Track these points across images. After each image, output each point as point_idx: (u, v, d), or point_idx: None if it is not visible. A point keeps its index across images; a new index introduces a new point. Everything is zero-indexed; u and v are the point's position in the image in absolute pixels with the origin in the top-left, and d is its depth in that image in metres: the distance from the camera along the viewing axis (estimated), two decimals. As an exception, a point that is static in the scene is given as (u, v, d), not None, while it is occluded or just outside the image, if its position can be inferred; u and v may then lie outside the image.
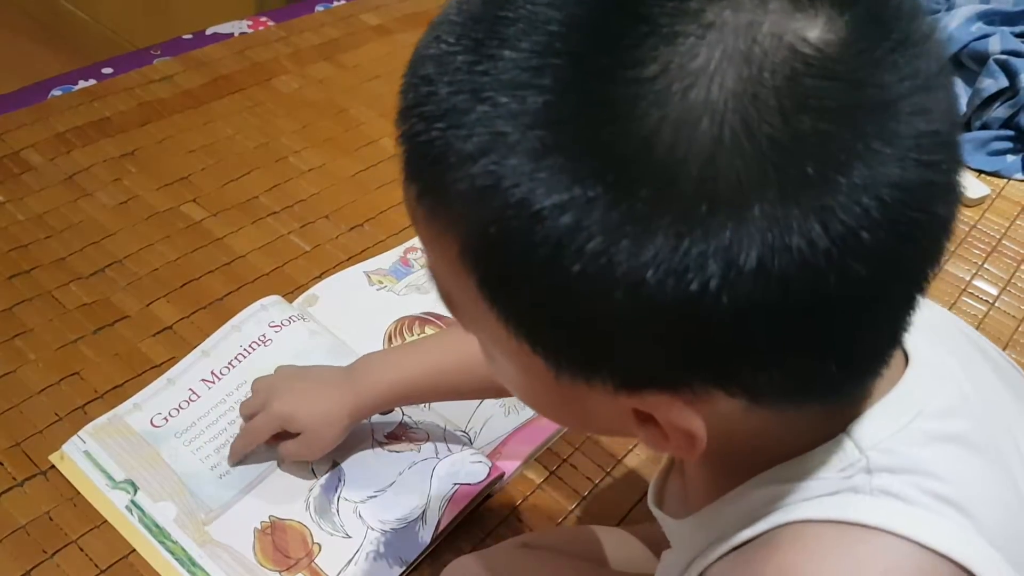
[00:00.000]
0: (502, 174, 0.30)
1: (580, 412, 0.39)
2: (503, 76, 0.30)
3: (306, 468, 0.73)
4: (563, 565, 0.66)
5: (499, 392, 0.71)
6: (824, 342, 0.33)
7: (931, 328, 0.42)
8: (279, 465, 0.74)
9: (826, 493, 0.38)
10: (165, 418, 0.76)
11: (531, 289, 0.32)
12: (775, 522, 0.38)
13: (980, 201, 1.18)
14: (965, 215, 1.16)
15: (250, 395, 0.75)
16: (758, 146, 0.29)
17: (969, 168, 1.23)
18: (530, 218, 0.30)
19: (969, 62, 1.35)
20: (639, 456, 0.80)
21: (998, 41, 1.29)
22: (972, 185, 1.19)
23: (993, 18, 1.37)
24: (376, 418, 0.76)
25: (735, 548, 0.40)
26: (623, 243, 0.30)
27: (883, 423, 0.39)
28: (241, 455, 0.73)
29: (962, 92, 1.34)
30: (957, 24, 1.36)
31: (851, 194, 0.30)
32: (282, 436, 0.72)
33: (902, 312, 0.35)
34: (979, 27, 1.35)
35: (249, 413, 0.73)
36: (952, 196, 0.33)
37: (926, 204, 0.31)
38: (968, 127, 1.29)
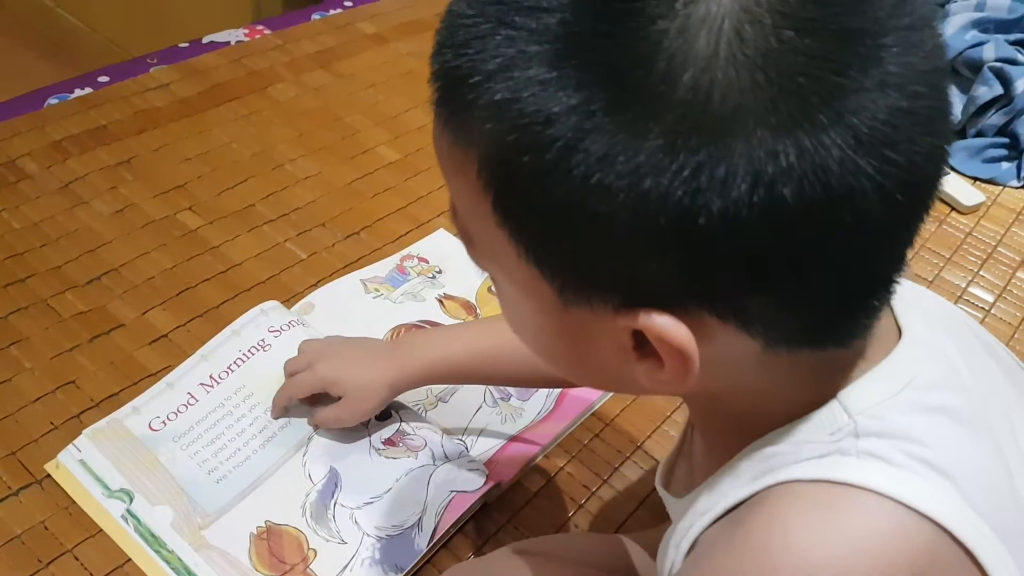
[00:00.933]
0: (519, 86, 0.33)
1: (583, 350, 0.40)
2: (524, 2, 0.33)
3: (302, 473, 0.73)
4: (560, 572, 0.65)
5: (531, 381, 0.75)
6: (809, 269, 0.34)
7: (931, 312, 0.44)
8: (315, 430, 0.76)
9: (815, 456, 0.39)
10: (163, 422, 0.76)
11: (540, 199, 0.34)
12: (765, 483, 0.40)
13: (975, 208, 1.18)
14: (960, 222, 1.16)
15: (251, 395, 0.76)
16: (751, 59, 0.31)
17: (964, 175, 1.24)
18: (541, 124, 0.33)
19: (964, 70, 1.35)
20: (636, 465, 0.80)
21: (992, 49, 1.29)
22: (967, 192, 1.19)
23: (987, 26, 1.38)
24: (373, 424, 0.76)
25: (728, 511, 0.42)
26: (621, 149, 0.32)
27: (873, 390, 0.40)
28: (281, 409, 0.76)
29: (957, 100, 1.34)
30: (952, 32, 1.36)
31: (837, 118, 0.31)
32: (319, 401, 0.75)
33: (891, 254, 0.37)
34: (973, 35, 1.36)
35: (293, 370, 0.76)
36: (934, 127, 0.34)
37: (910, 133, 0.33)
38: (963, 134, 1.29)
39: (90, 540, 0.69)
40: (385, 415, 0.77)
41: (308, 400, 0.76)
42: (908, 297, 0.41)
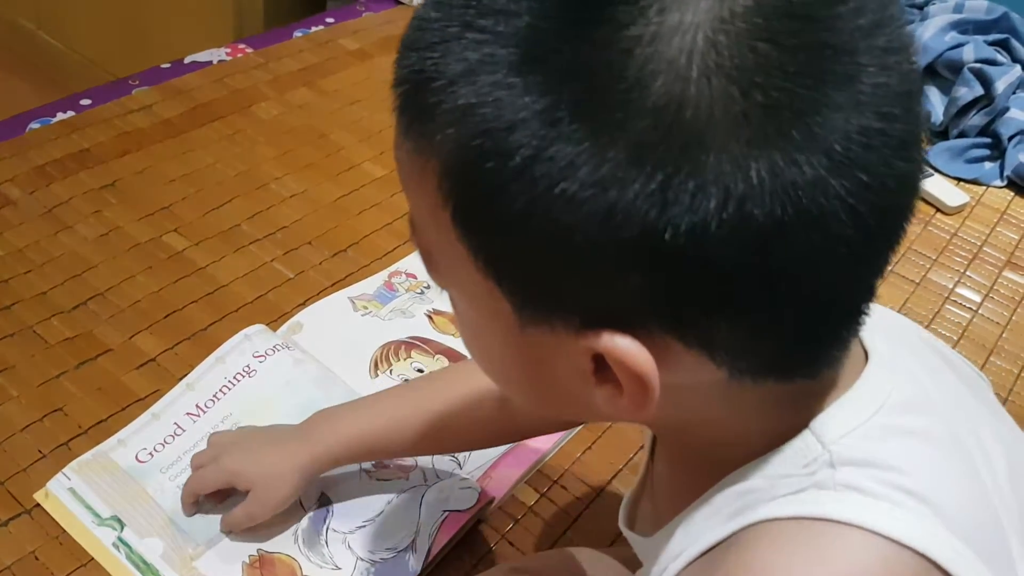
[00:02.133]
0: (484, 90, 0.32)
1: (541, 373, 0.39)
2: (493, 5, 0.32)
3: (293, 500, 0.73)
4: None
5: (457, 444, 0.72)
6: (777, 294, 0.33)
7: (888, 330, 0.43)
8: (226, 534, 0.71)
9: (791, 491, 0.38)
10: (150, 453, 0.75)
11: (502, 209, 0.33)
12: (741, 523, 0.39)
13: (960, 209, 1.19)
14: (945, 223, 1.17)
15: (239, 422, 0.75)
16: (725, 70, 0.30)
17: (947, 176, 1.24)
18: (505, 129, 0.31)
19: (944, 71, 1.36)
20: (630, 477, 0.80)
21: (972, 50, 1.30)
22: (951, 193, 1.20)
23: (966, 27, 1.39)
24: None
25: (703, 553, 0.40)
26: (587, 158, 0.31)
27: (844, 417, 0.39)
28: (190, 506, 0.71)
29: (937, 101, 1.35)
30: (931, 34, 1.37)
31: (810, 135, 0.31)
32: (229, 496, 0.71)
33: (861, 282, 0.36)
34: (952, 36, 1.37)
35: (198, 464, 0.72)
36: (908, 152, 0.33)
37: (883, 156, 0.32)
38: (945, 135, 1.30)
39: (82, 569, 0.68)
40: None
41: (216, 496, 0.71)
42: (870, 316, 0.40)
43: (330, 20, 1.42)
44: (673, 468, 0.49)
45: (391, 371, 0.85)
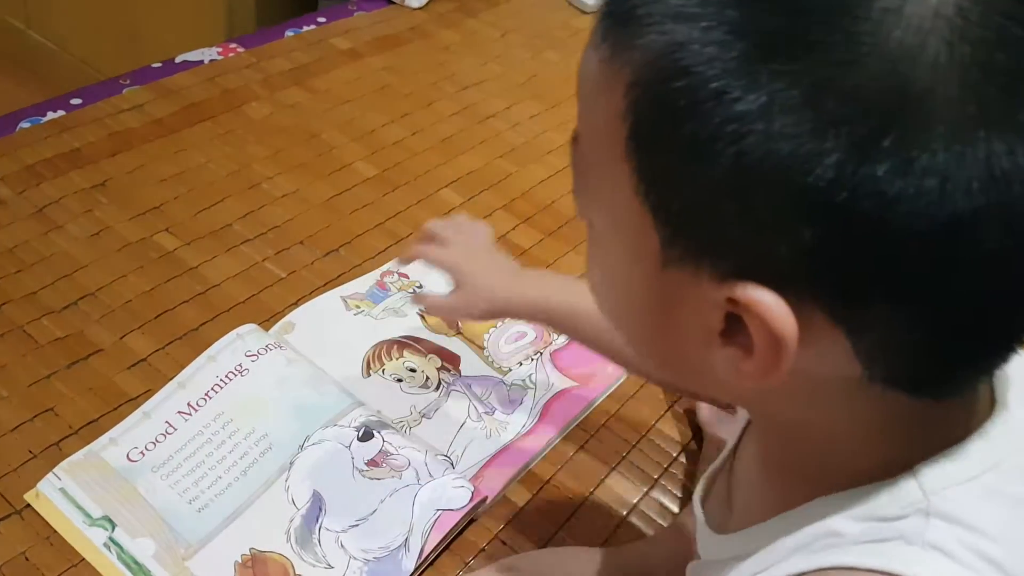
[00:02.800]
0: (696, 10, 0.31)
1: (664, 321, 0.37)
2: None
3: (285, 498, 0.73)
4: None
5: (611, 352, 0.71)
6: (948, 288, 0.31)
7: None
8: (421, 312, 0.88)
9: (878, 539, 0.37)
10: (141, 452, 0.75)
11: (686, 135, 0.31)
12: (823, 563, 0.37)
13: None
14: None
15: (230, 421, 0.76)
16: (969, 41, 0.29)
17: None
18: (710, 53, 0.30)
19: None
20: (622, 476, 0.80)
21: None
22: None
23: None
24: (356, 445, 0.76)
25: None
26: (795, 106, 0.29)
27: (952, 469, 0.37)
28: (404, 259, 0.81)
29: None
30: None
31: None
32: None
33: (1018, 315, 0.34)
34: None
35: (433, 234, 0.76)
36: None
37: None
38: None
39: (72, 570, 0.68)
40: (367, 435, 0.77)
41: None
42: (1009, 368, 0.37)
43: (322, 20, 1.42)
44: (765, 470, 0.46)
45: (383, 370, 0.85)
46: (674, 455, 0.82)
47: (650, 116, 0.33)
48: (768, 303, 0.32)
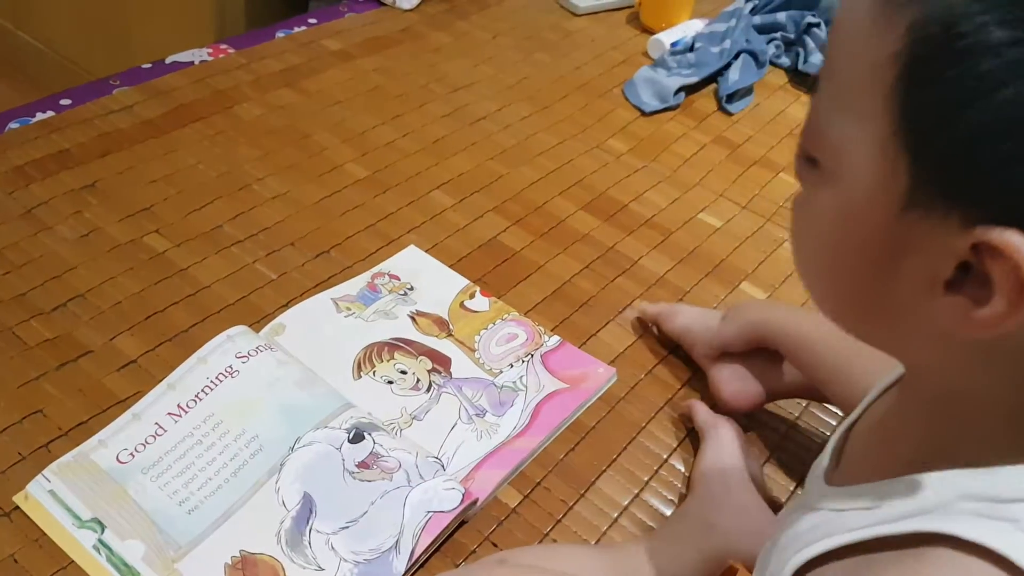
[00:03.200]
0: None
1: (887, 265, 0.38)
2: None
3: (275, 500, 0.73)
4: None
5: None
6: None
7: None
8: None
9: (990, 516, 0.37)
10: (131, 454, 0.75)
11: (964, 78, 0.32)
12: (928, 527, 0.38)
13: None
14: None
15: (221, 422, 0.76)
16: None
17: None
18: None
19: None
20: (613, 478, 0.80)
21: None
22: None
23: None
24: (346, 447, 0.76)
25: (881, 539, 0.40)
26: None
27: None
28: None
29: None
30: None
31: None
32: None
33: None
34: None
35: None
36: None
37: None
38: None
39: (61, 572, 0.68)
40: (358, 437, 0.77)
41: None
42: None
43: (312, 21, 1.42)
44: (892, 435, 0.47)
45: (374, 372, 0.85)
46: (665, 458, 0.83)
47: (929, 55, 0.34)
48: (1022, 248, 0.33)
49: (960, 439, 0.41)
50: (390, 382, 0.85)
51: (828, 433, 0.86)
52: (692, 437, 0.84)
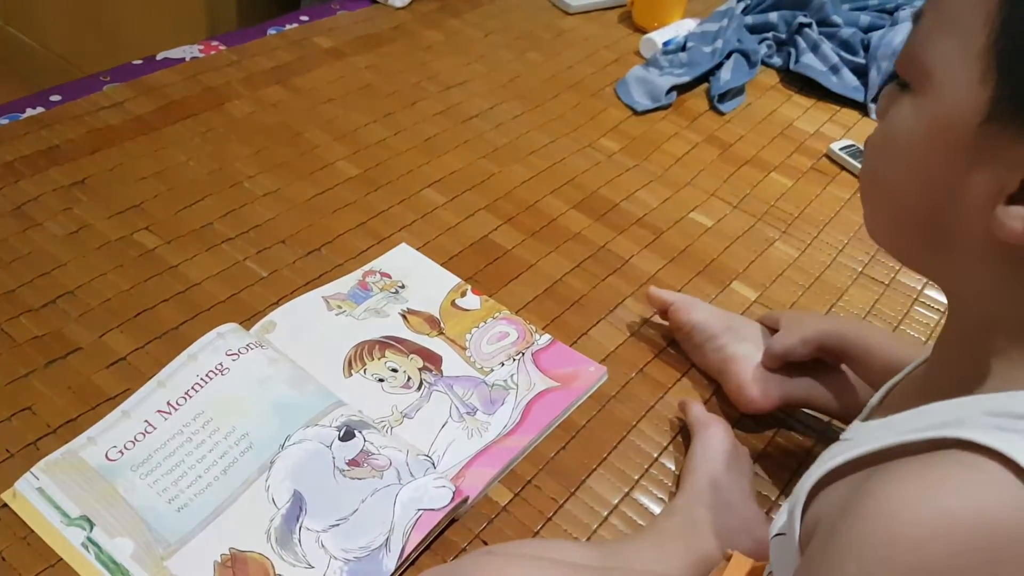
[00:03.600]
0: None
1: (950, 176, 0.42)
2: None
3: (265, 498, 0.72)
4: (534, 567, 0.65)
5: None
6: None
7: None
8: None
9: (1006, 429, 0.39)
10: (120, 451, 0.75)
11: None
12: (947, 434, 0.40)
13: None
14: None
15: (211, 420, 0.76)
16: None
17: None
18: None
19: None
20: (603, 476, 0.80)
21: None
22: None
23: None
24: (337, 445, 0.76)
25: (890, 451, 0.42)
26: None
27: None
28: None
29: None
30: (901, 39, 1.39)
31: None
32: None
33: None
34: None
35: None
36: None
37: None
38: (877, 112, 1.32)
39: (50, 570, 0.67)
40: (349, 435, 0.77)
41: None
42: None
43: (304, 18, 1.42)
44: (932, 371, 0.51)
45: (365, 370, 0.85)
46: (655, 456, 0.83)
47: None
48: None
49: (992, 368, 0.44)
50: (381, 380, 0.85)
51: (815, 438, 0.86)
52: (683, 436, 0.84)
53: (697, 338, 0.90)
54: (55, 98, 1.14)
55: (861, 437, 0.48)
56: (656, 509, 0.78)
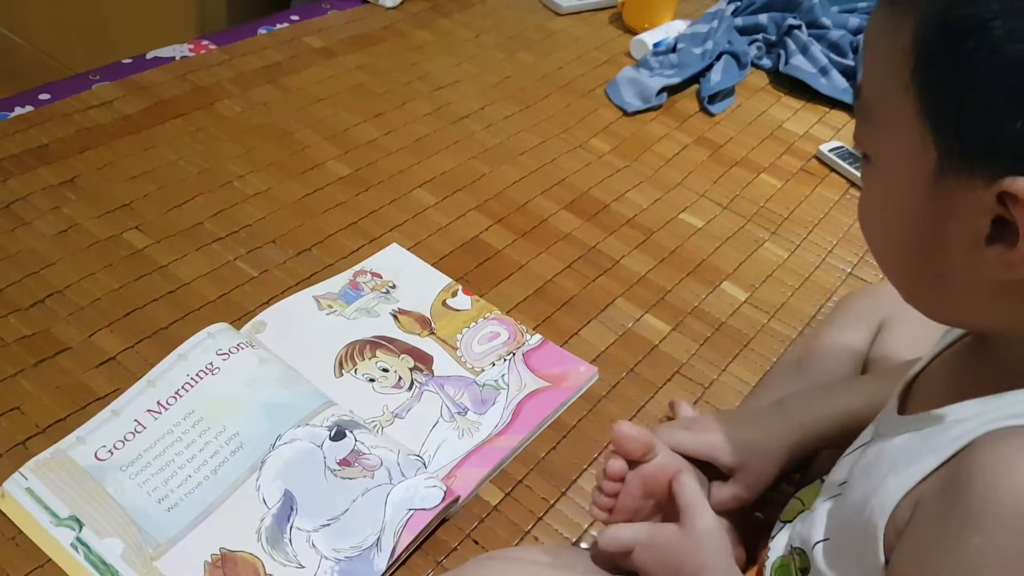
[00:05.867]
0: None
1: (935, 233, 0.44)
2: None
3: (256, 497, 0.72)
4: (533, 571, 0.64)
5: None
6: None
7: None
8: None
9: None
10: (110, 451, 0.74)
11: (968, 53, 0.39)
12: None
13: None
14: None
15: (201, 420, 0.75)
16: None
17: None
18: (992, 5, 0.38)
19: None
20: (593, 476, 0.80)
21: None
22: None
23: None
24: (328, 444, 0.76)
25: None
26: None
27: None
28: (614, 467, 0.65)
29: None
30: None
31: None
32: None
33: None
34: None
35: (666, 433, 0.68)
36: None
37: None
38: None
39: (39, 570, 0.67)
40: (340, 435, 0.76)
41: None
42: None
43: (295, 18, 1.42)
44: (959, 374, 0.52)
45: (356, 370, 0.85)
46: (645, 455, 0.83)
47: (937, 40, 0.41)
48: None
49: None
50: (372, 380, 0.84)
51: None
52: (673, 436, 0.84)
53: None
54: (44, 97, 1.13)
55: (914, 427, 0.49)
56: (647, 509, 0.78)
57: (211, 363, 0.81)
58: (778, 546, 0.63)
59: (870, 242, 0.50)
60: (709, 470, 0.67)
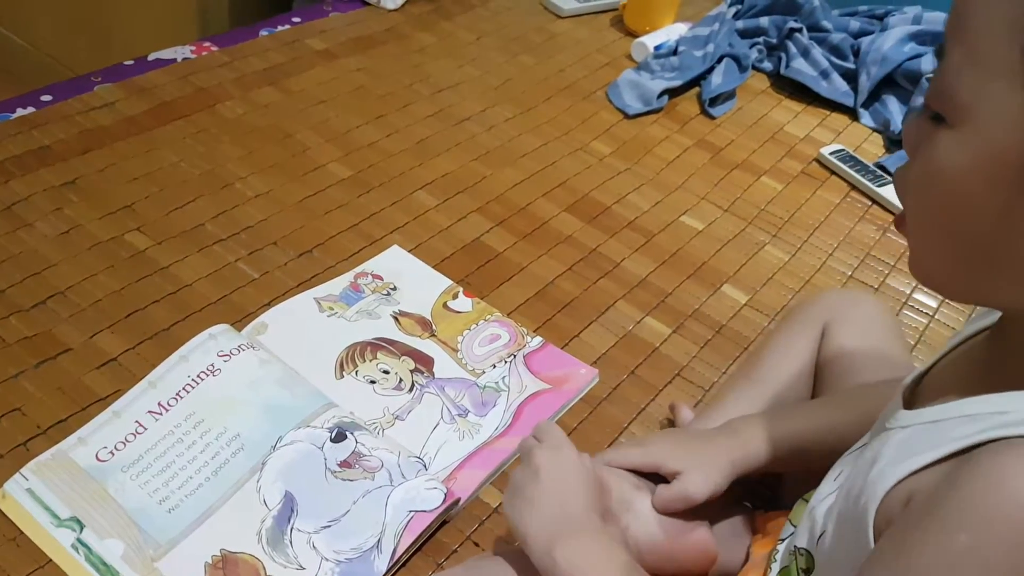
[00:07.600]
0: None
1: (1008, 215, 0.42)
2: None
3: (257, 499, 0.72)
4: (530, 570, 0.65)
5: None
6: None
7: None
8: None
9: None
10: (111, 452, 0.74)
11: None
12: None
13: (918, 216, 1.21)
14: (904, 230, 1.19)
15: (202, 421, 0.75)
16: None
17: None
18: None
19: (903, 81, 1.39)
20: (594, 477, 0.80)
21: (930, 60, 1.33)
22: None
23: (925, 38, 1.41)
24: (328, 446, 0.76)
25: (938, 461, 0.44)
26: None
27: None
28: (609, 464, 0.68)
29: (896, 110, 1.38)
30: (891, 45, 1.39)
31: None
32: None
33: None
34: (912, 47, 1.40)
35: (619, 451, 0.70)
36: None
37: None
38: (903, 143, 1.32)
39: (40, 571, 0.67)
40: (340, 437, 0.77)
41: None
42: None
43: (296, 20, 1.42)
44: (977, 368, 0.52)
45: (357, 372, 0.85)
46: (646, 457, 0.83)
47: None
48: None
49: None
50: (372, 382, 0.85)
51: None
52: (673, 438, 0.84)
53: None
54: (46, 98, 1.13)
55: (919, 420, 0.49)
56: (647, 511, 0.78)
57: (212, 364, 0.82)
58: (784, 549, 0.63)
59: (929, 224, 0.47)
60: (659, 481, 0.69)
